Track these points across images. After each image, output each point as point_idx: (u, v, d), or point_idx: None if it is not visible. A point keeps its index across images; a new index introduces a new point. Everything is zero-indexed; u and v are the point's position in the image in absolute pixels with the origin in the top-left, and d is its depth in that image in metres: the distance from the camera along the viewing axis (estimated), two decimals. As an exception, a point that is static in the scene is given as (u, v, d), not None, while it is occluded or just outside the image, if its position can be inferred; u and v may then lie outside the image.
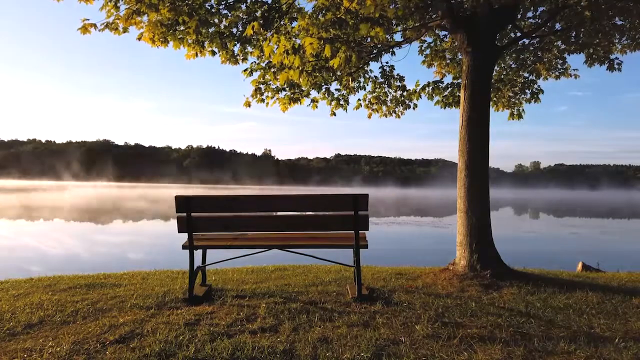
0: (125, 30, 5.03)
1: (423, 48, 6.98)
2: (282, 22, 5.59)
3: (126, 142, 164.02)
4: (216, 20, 5.41)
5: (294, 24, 5.66)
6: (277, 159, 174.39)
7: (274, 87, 6.49)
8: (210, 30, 5.37)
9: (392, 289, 4.28)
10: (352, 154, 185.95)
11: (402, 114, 7.51)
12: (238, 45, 5.79)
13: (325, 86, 6.72)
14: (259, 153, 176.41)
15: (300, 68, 5.42)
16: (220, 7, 5.31)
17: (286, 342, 2.82)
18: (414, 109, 7.41)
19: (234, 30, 5.58)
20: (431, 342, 2.84)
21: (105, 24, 4.91)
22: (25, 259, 10.12)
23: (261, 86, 6.45)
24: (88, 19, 4.80)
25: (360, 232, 3.89)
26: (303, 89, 6.52)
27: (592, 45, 5.85)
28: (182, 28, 5.16)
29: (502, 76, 7.07)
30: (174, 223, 4.08)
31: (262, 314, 3.41)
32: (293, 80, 5.92)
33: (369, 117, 7.57)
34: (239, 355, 2.61)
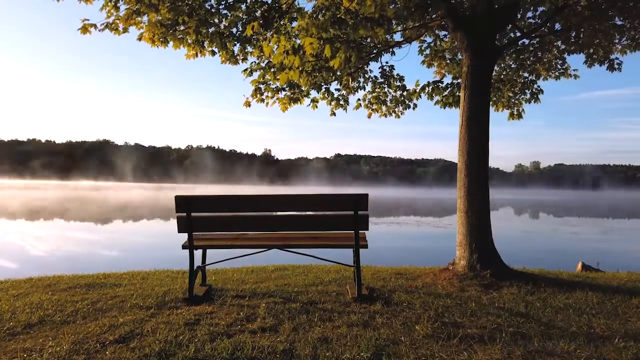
0: (125, 30, 5.03)
1: (423, 48, 6.98)
2: (282, 22, 5.59)
3: (126, 142, 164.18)
4: (216, 20, 5.41)
5: (294, 23, 5.66)
6: (277, 158, 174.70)
7: (273, 87, 6.49)
8: (210, 30, 5.38)
9: (392, 289, 4.28)
10: (351, 154, 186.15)
11: (401, 114, 7.52)
12: (238, 45, 5.79)
13: (325, 86, 6.73)
14: (258, 153, 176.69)
15: (300, 68, 5.42)
16: (220, 7, 5.31)
17: (286, 342, 2.82)
18: (413, 108, 7.43)
19: (234, 30, 5.58)
20: (431, 342, 2.84)
21: (105, 24, 4.92)
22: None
23: (261, 86, 6.45)
24: (88, 19, 4.82)
25: (360, 232, 3.89)
26: (303, 88, 6.53)
27: (592, 46, 5.85)
28: (182, 28, 5.16)
29: (502, 76, 7.08)
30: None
31: (262, 313, 3.41)
32: (293, 81, 5.92)
33: (369, 117, 7.58)
34: (239, 355, 2.61)
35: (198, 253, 4.16)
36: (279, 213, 3.98)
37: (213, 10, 5.26)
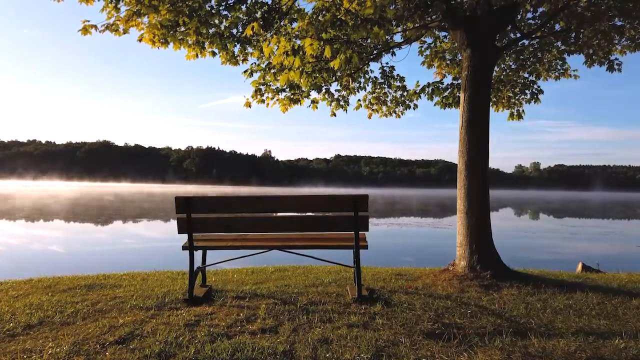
0: (125, 31, 5.03)
1: (423, 49, 6.98)
2: (282, 23, 5.59)
3: (126, 143, 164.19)
4: (216, 21, 5.41)
5: (294, 24, 5.66)
6: (276, 159, 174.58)
7: (274, 87, 6.49)
8: (211, 31, 5.38)
9: (392, 290, 4.28)
10: (352, 155, 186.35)
11: (402, 114, 7.52)
12: (238, 46, 5.79)
13: (325, 87, 6.73)
14: (258, 154, 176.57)
15: (301, 69, 5.42)
16: (221, 8, 5.31)
17: (286, 343, 2.81)
18: (414, 109, 7.43)
19: (234, 31, 5.58)
20: (431, 343, 2.84)
21: (105, 26, 4.92)
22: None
23: (261, 87, 6.45)
24: (89, 21, 4.82)
25: (360, 232, 3.89)
26: (303, 89, 6.52)
27: (592, 46, 5.85)
28: (182, 29, 5.16)
29: (502, 77, 7.07)
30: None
31: (262, 314, 3.41)
32: (293, 81, 5.92)
33: (369, 117, 7.59)
34: (239, 356, 2.60)
35: (198, 254, 4.16)
36: (279, 214, 3.97)
37: (213, 11, 5.26)
